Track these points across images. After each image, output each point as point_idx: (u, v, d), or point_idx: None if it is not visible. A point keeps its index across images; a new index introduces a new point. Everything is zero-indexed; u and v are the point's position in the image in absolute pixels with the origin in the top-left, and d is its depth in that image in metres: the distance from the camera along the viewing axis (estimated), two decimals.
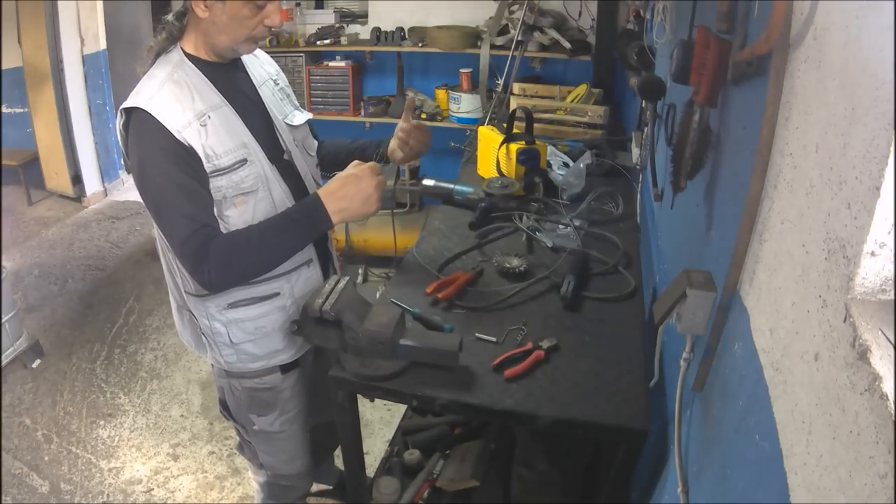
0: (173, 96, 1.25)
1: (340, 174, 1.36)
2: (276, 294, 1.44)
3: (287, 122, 1.48)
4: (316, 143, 1.61)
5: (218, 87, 1.33)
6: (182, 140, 1.23)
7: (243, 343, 1.46)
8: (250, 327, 1.44)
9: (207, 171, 1.27)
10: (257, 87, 1.44)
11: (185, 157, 1.24)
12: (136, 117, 1.24)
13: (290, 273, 1.45)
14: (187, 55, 1.31)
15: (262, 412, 1.57)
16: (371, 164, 1.37)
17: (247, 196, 1.33)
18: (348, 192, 1.32)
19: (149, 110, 1.22)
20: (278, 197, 1.39)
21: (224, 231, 1.32)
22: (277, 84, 1.51)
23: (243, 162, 1.32)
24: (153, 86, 1.26)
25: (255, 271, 1.35)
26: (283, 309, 1.46)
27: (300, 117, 1.53)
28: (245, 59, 1.43)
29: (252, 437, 1.65)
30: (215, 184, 1.29)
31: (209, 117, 1.28)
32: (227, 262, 1.27)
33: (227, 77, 1.36)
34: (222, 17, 1.23)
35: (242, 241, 1.29)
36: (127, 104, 1.25)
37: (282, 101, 1.50)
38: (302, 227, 1.33)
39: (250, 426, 1.61)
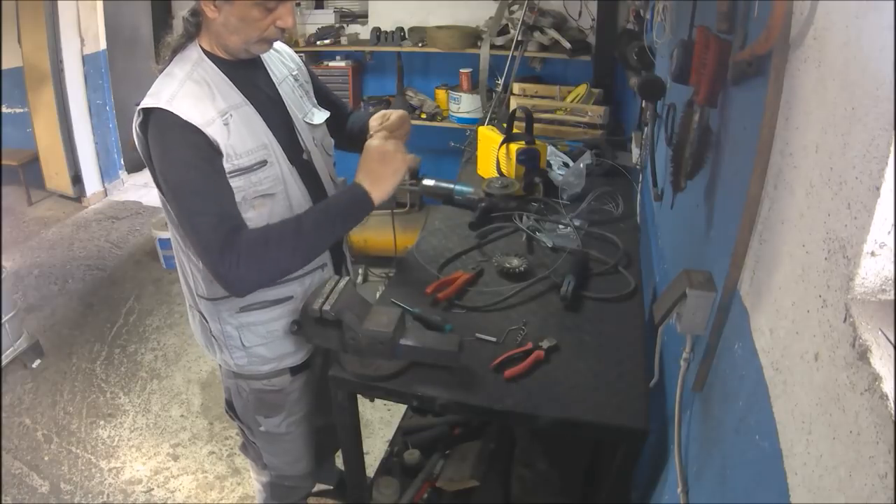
0: (194, 95, 1.23)
1: (366, 151, 1.35)
2: (289, 298, 1.43)
3: (307, 120, 1.45)
4: (333, 142, 1.59)
5: (237, 86, 1.30)
6: (208, 135, 1.21)
7: (255, 346, 1.45)
8: (262, 331, 1.44)
9: (227, 170, 1.26)
10: (277, 85, 1.41)
11: (211, 152, 1.23)
12: (156, 117, 1.21)
13: (304, 277, 1.43)
14: (206, 53, 1.29)
15: (269, 414, 1.57)
16: (389, 139, 1.37)
17: (265, 199, 1.31)
18: (381, 162, 1.32)
19: (172, 110, 1.19)
20: (296, 200, 1.37)
21: None
22: (297, 80, 1.48)
23: (263, 163, 1.30)
24: (173, 85, 1.23)
25: (290, 264, 1.29)
26: (296, 312, 1.44)
27: (319, 116, 1.50)
28: (264, 55, 1.40)
29: (257, 438, 1.64)
30: (234, 184, 1.27)
31: (231, 116, 1.26)
32: (260, 253, 1.22)
33: (247, 75, 1.34)
34: (231, 19, 1.21)
35: (276, 229, 1.26)
36: (146, 104, 1.21)
37: (301, 99, 1.47)
38: (344, 209, 1.31)
39: (256, 427, 1.60)
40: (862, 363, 0.50)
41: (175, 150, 1.22)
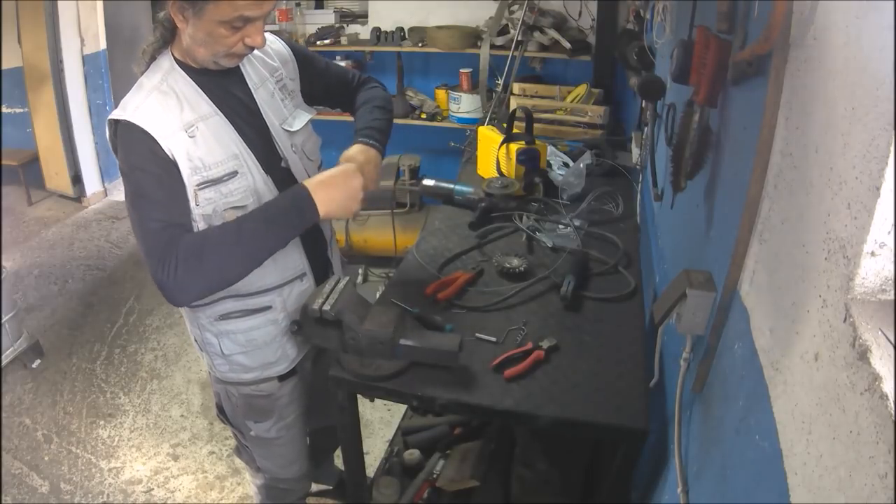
0: (160, 106, 1.22)
1: (330, 170, 1.30)
2: (268, 307, 1.42)
3: (285, 127, 1.41)
4: (320, 140, 1.54)
5: (209, 95, 1.28)
6: (166, 148, 1.20)
7: (235, 354, 1.45)
8: (242, 339, 1.43)
9: (196, 182, 1.24)
10: (253, 90, 1.36)
11: (168, 164, 1.21)
12: (121, 128, 1.22)
13: (283, 287, 1.42)
14: (178, 61, 1.27)
15: (258, 419, 1.56)
16: (350, 165, 1.31)
17: (237, 210, 1.28)
18: (337, 186, 1.26)
19: (134, 122, 1.19)
20: None
21: None
22: (280, 82, 1.43)
23: (234, 174, 1.28)
24: (139, 97, 1.23)
25: (231, 269, 1.21)
26: (276, 322, 1.44)
27: (301, 119, 1.45)
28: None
29: (249, 442, 1.64)
30: (204, 195, 1.25)
31: (197, 128, 1.24)
32: (197, 256, 1.16)
33: (220, 83, 1.30)
34: (198, 33, 1.17)
35: (216, 232, 1.21)
36: (113, 115, 1.22)
37: (282, 102, 1.42)
38: (286, 216, 1.23)
39: (247, 432, 1.60)
40: (862, 363, 0.51)
41: (132, 157, 1.21)
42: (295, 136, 1.44)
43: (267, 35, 1.37)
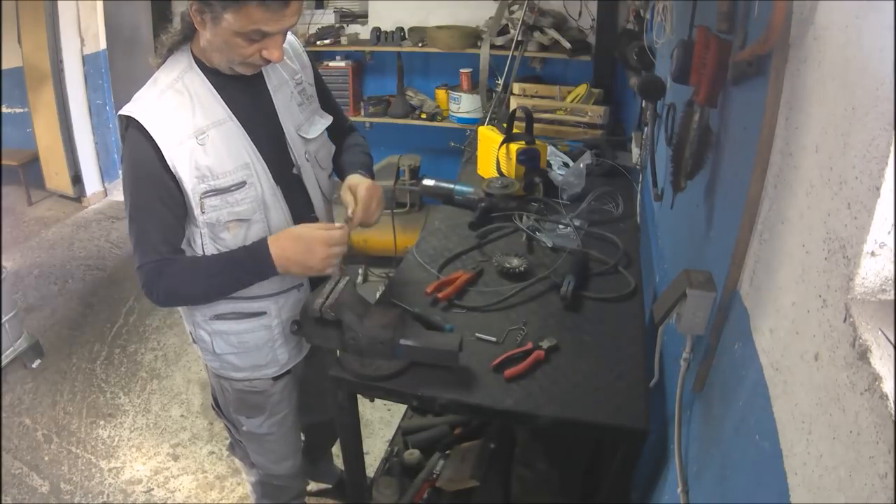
0: (172, 108, 1.21)
1: (298, 230, 1.30)
2: (263, 313, 1.42)
3: (301, 134, 1.39)
4: (333, 148, 1.53)
5: (225, 98, 1.26)
6: (169, 161, 1.20)
7: (226, 354, 1.45)
8: (234, 340, 1.44)
9: (202, 190, 1.24)
10: (272, 93, 1.34)
11: (167, 182, 1.21)
12: (131, 128, 1.20)
13: (279, 295, 1.42)
14: (196, 59, 1.25)
15: (250, 414, 1.57)
16: (328, 234, 1.28)
17: (240, 223, 1.30)
18: (297, 249, 1.27)
19: (143, 123, 1.18)
20: (276, 222, 1.34)
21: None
22: (300, 84, 1.41)
23: (242, 185, 1.27)
24: (153, 94, 1.22)
25: (205, 300, 1.37)
26: (269, 328, 1.44)
27: (318, 126, 1.44)
28: None
29: (242, 437, 1.65)
30: (210, 203, 1.25)
31: (208, 135, 1.23)
32: (174, 291, 1.30)
33: (238, 84, 1.28)
34: (216, 38, 1.16)
35: (189, 274, 1.29)
36: (124, 111, 1.21)
37: (300, 107, 1.40)
38: (246, 270, 1.30)
39: (240, 426, 1.61)
40: (862, 363, 0.50)
41: (135, 173, 1.22)
42: (310, 143, 1.43)
43: (288, 36, 1.35)
